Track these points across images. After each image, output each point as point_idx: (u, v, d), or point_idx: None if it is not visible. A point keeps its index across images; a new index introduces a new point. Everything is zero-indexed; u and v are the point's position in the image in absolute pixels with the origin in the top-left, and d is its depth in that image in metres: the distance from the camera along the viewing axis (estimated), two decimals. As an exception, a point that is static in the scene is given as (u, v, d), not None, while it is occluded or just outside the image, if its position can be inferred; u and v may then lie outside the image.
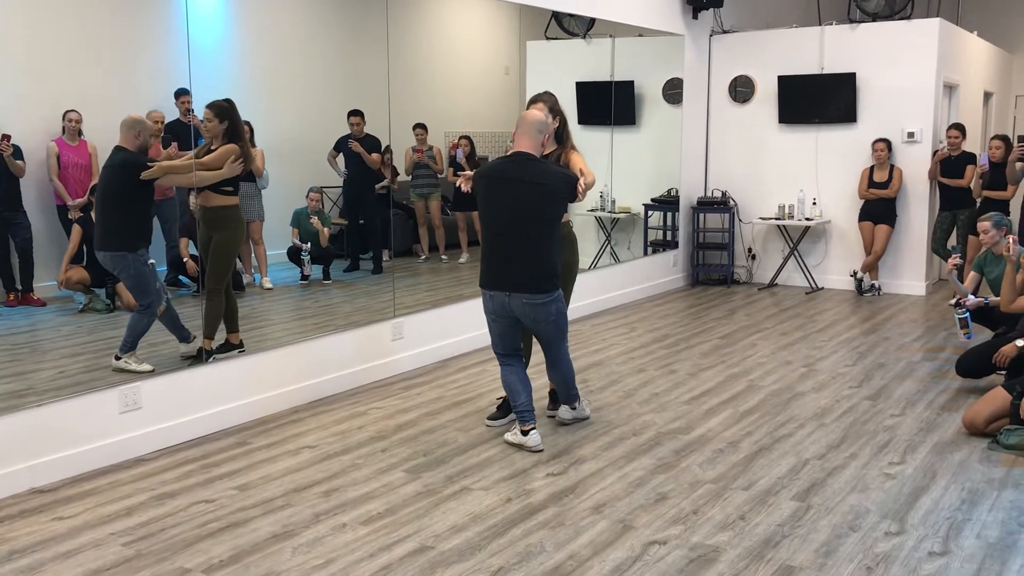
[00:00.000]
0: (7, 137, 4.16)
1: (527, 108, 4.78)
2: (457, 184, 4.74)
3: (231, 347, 5.13)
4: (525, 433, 4.64)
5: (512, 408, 4.73)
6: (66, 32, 4.31)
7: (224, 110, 4.97)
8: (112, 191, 4.60)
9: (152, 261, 4.75)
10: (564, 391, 4.94)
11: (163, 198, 5.08)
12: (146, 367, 4.69)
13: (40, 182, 4.40)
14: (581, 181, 4.51)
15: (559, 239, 4.58)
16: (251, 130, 5.36)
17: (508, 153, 4.58)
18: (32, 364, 4.29)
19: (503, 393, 5.15)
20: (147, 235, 4.76)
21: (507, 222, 4.44)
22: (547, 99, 4.84)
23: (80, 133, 4.47)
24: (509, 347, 4.69)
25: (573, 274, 5.02)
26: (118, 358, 4.63)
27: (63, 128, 4.41)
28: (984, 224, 6.02)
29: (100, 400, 4.46)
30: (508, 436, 4.73)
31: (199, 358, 4.95)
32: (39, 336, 4.39)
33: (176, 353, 4.89)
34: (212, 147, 4.99)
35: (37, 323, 4.40)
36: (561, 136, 4.88)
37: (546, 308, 4.51)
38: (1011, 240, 5.10)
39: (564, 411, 5.03)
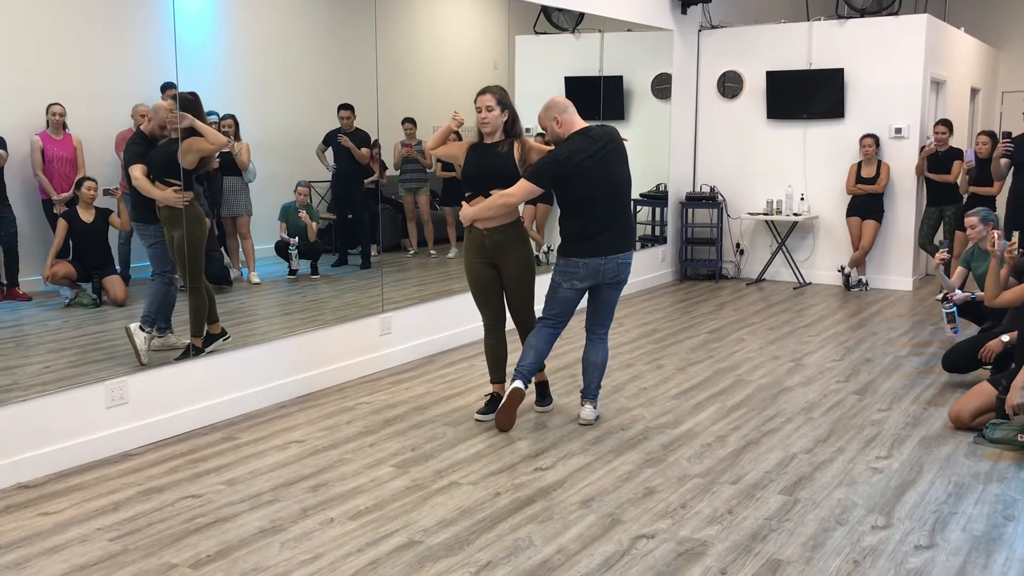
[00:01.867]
0: None
1: (476, 100, 4.81)
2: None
3: (213, 337, 5.09)
4: (513, 382, 4.76)
5: (518, 364, 4.79)
6: (50, 24, 4.28)
7: (189, 103, 4.93)
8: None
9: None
10: (597, 379, 4.97)
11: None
12: (145, 359, 4.71)
13: (24, 176, 4.37)
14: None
15: None
16: (236, 124, 5.33)
17: (567, 132, 4.66)
18: (18, 359, 4.26)
19: (491, 388, 5.14)
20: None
21: (609, 192, 4.62)
22: (495, 91, 4.83)
23: (64, 127, 4.44)
24: (566, 314, 4.81)
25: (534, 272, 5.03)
26: (143, 329, 4.71)
27: (47, 122, 4.38)
28: (971, 219, 6.04)
29: (86, 395, 4.43)
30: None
31: (187, 354, 4.94)
32: (25, 331, 4.37)
33: (165, 346, 4.87)
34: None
35: (23, 318, 4.37)
36: (511, 130, 4.86)
37: (630, 265, 4.80)
38: (996, 235, 5.13)
39: (589, 411, 4.98)
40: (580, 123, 4.67)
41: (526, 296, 4.95)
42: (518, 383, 4.74)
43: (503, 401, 4.78)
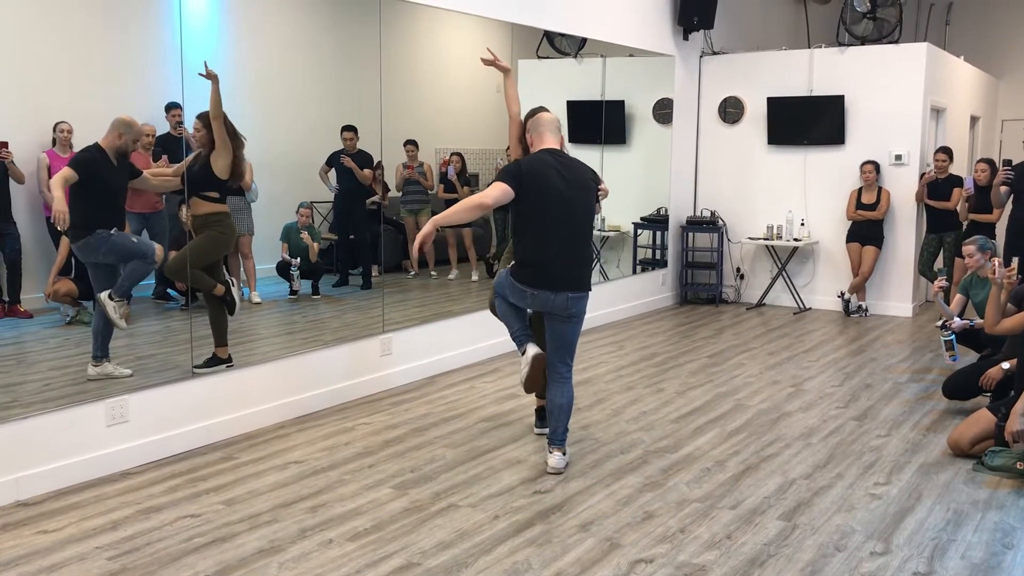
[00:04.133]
0: (5, 144, 4.17)
1: (535, 115, 4.76)
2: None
3: (219, 361, 5.11)
4: (523, 352, 4.57)
5: (511, 334, 4.66)
6: (58, 44, 4.32)
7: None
8: (72, 184, 4.52)
9: (115, 230, 4.67)
10: (563, 422, 4.61)
11: (152, 211, 5.08)
12: (123, 324, 4.65)
13: (30, 193, 4.39)
14: (603, 185, 4.78)
15: None
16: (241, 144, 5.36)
17: (536, 151, 4.57)
18: (18, 376, 4.27)
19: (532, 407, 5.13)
20: (105, 218, 4.64)
21: (564, 218, 4.42)
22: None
23: (71, 145, 4.46)
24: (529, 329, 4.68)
25: None
26: (111, 298, 4.61)
27: (54, 140, 4.41)
28: (969, 248, 6.07)
29: (87, 413, 4.44)
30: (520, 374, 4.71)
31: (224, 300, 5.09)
32: (26, 348, 4.37)
33: (166, 366, 4.87)
34: (200, 154, 5.02)
35: (24, 335, 4.38)
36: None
37: (583, 301, 4.51)
38: (996, 263, 5.15)
39: (558, 459, 4.59)
40: (553, 144, 4.58)
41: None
42: (534, 348, 4.54)
43: (529, 370, 4.54)
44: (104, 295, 4.61)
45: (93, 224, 4.62)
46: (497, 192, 4.37)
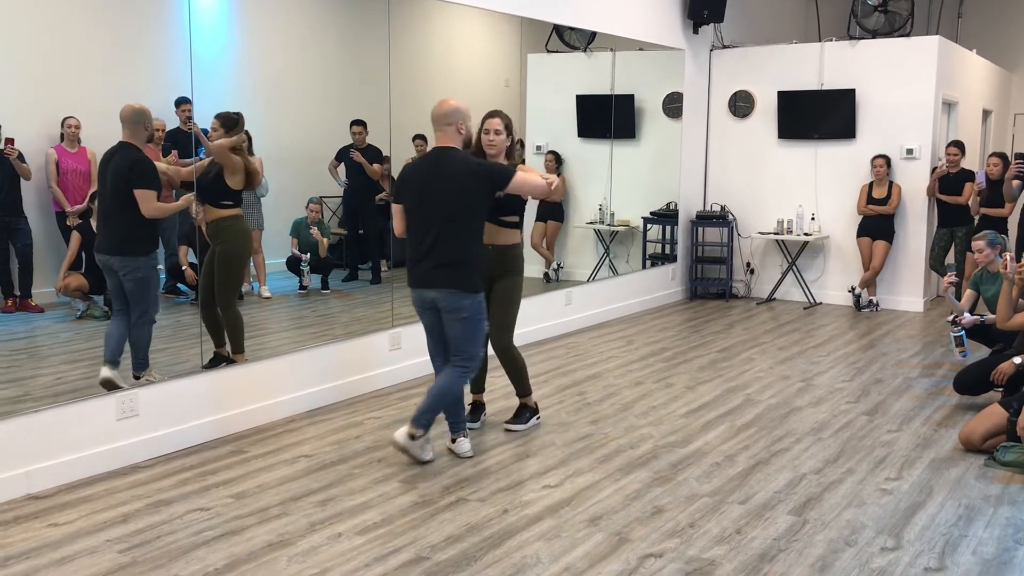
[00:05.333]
0: (11, 140, 4.18)
1: (484, 122, 4.81)
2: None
3: (220, 359, 5.09)
4: (454, 441, 4.73)
5: (447, 418, 4.76)
6: (67, 39, 4.33)
7: (232, 121, 4.99)
8: (123, 193, 4.48)
9: (160, 267, 4.72)
10: (430, 406, 4.48)
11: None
12: (161, 376, 4.71)
13: (40, 188, 4.40)
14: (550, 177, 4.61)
15: (480, 235, 4.51)
16: (249, 138, 5.36)
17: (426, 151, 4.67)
18: (30, 370, 4.29)
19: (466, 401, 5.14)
20: (156, 238, 4.69)
21: (431, 220, 4.40)
22: (504, 116, 4.85)
23: (79, 140, 4.48)
24: (442, 348, 4.64)
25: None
26: (138, 377, 4.62)
27: (62, 135, 4.42)
28: (978, 243, 6.03)
29: (97, 407, 4.45)
30: (450, 444, 4.78)
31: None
32: (37, 342, 4.39)
33: (176, 360, 4.88)
34: (213, 161, 5.02)
35: (35, 329, 4.40)
36: (511, 154, 4.88)
37: (453, 299, 4.42)
38: (1008, 257, 5.12)
39: (401, 434, 4.49)
40: (442, 142, 4.47)
41: (505, 320, 4.96)
42: (465, 444, 4.72)
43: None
44: (135, 380, 4.63)
45: (150, 240, 4.62)
46: (396, 217, 4.56)
